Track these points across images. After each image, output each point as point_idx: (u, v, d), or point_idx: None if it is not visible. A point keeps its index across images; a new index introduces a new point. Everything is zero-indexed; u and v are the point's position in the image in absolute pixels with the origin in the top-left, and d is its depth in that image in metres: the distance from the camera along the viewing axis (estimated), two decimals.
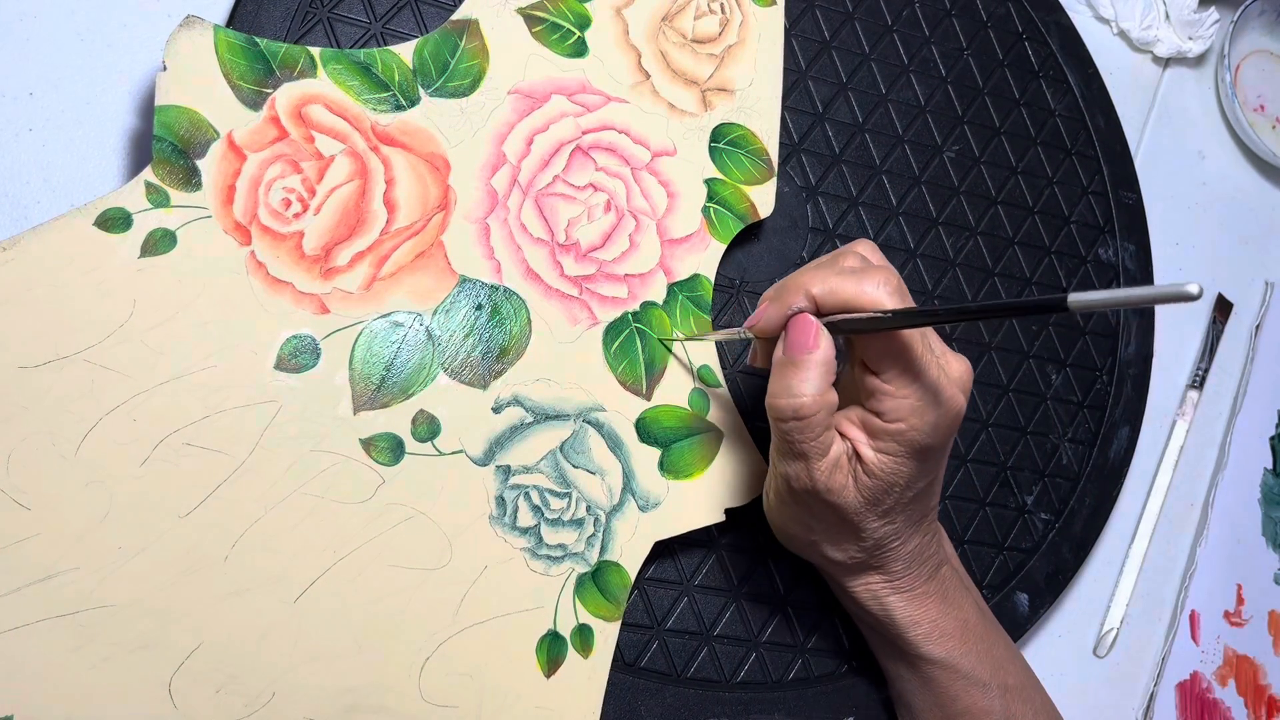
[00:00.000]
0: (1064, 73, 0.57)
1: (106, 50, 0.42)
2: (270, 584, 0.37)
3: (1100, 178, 0.57)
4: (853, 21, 0.53)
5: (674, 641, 0.44)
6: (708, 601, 0.44)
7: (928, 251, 0.52)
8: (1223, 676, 0.57)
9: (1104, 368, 0.55)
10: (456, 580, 0.39)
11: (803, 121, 0.51)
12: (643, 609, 0.43)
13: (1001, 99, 0.56)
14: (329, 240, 0.40)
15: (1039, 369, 0.53)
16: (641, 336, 0.43)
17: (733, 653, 0.44)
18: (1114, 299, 0.27)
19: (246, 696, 0.36)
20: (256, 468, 0.37)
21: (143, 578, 0.35)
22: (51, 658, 0.34)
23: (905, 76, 0.53)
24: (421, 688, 0.38)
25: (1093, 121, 0.57)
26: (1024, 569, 0.51)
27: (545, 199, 0.43)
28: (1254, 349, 0.63)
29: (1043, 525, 0.52)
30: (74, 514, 0.35)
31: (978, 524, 0.50)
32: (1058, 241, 0.55)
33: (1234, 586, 0.58)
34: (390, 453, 0.39)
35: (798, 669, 0.45)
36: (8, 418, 0.35)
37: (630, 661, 0.43)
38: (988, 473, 0.51)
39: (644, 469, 0.42)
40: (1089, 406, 0.54)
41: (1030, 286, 0.54)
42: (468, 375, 0.40)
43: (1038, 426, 0.52)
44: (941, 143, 0.54)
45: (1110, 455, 0.54)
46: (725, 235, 0.45)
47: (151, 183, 0.38)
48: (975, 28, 0.56)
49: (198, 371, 0.37)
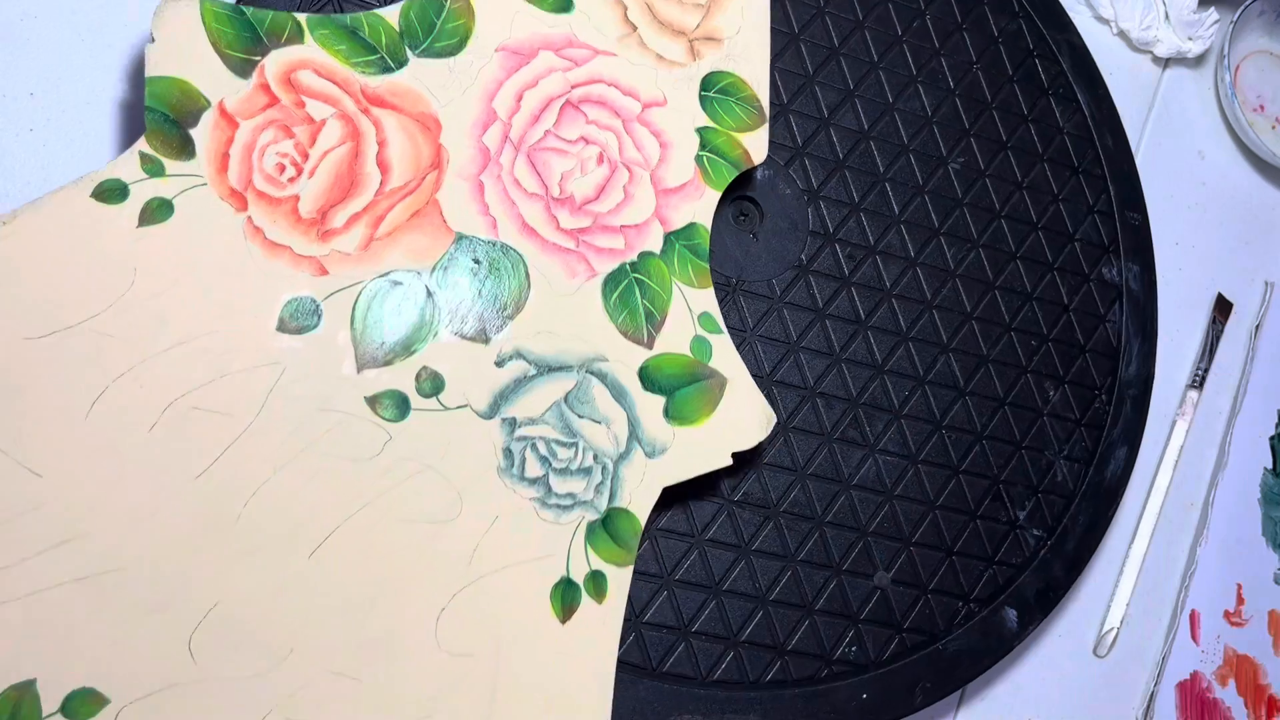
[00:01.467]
0: (1074, 91, 0.57)
1: (106, 50, 0.43)
2: (284, 541, 0.37)
3: (1107, 197, 0.56)
4: (862, 30, 0.53)
5: (650, 635, 0.43)
6: (687, 597, 0.44)
7: (928, 260, 0.51)
8: (1223, 676, 0.57)
9: (1103, 387, 0.54)
10: (468, 532, 0.39)
11: (807, 125, 0.50)
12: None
13: (1009, 114, 0.55)
14: (324, 203, 0.40)
15: (1037, 384, 0.52)
16: (640, 287, 0.43)
17: (710, 649, 0.44)
18: None
19: (266, 652, 0.36)
20: (264, 429, 0.38)
21: (157, 540, 0.36)
22: (72, 620, 0.34)
23: (913, 87, 0.53)
24: (439, 637, 0.38)
25: (1101, 141, 0.57)
26: (1014, 584, 0.49)
27: (538, 154, 0.43)
28: (1254, 349, 0.62)
29: (1034, 541, 0.50)
30: (86, 480, 0.35)
31: (968, 536, 0.49)
32: (1061, 258, 0.54)
33: (1234, 586, 0.58)
34: (396, 409, 0.39)
35: (776, 670, 0.44)
36: (16, 388, 0.35)
37: None
38: (980, 485, 0.50)
39: (649, 417, 0.42)
40: (1087, 425, 0.53)
41: (1031, 301, 0.53)
42: (469, 330, 0.41)
43: (1033, 442, 0.51)
44: (947, 154, 0.53)
45: (1107, 475, 0.53)
46: (720, 183, 0.46)
47: (146, 153, 0.38)
48: (986, 42, 0.55)
49: (201, 336, 0.38)
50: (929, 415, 0.50)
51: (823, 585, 0.46)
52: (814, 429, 0.48)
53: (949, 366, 0.51)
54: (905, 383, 0.50)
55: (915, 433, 0.49)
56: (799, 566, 0.46)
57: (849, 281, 0.50)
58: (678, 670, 0.43)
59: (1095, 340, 0.54)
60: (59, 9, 0.42)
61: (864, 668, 0.46)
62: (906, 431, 0.49)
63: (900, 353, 0.50)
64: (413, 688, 0.37)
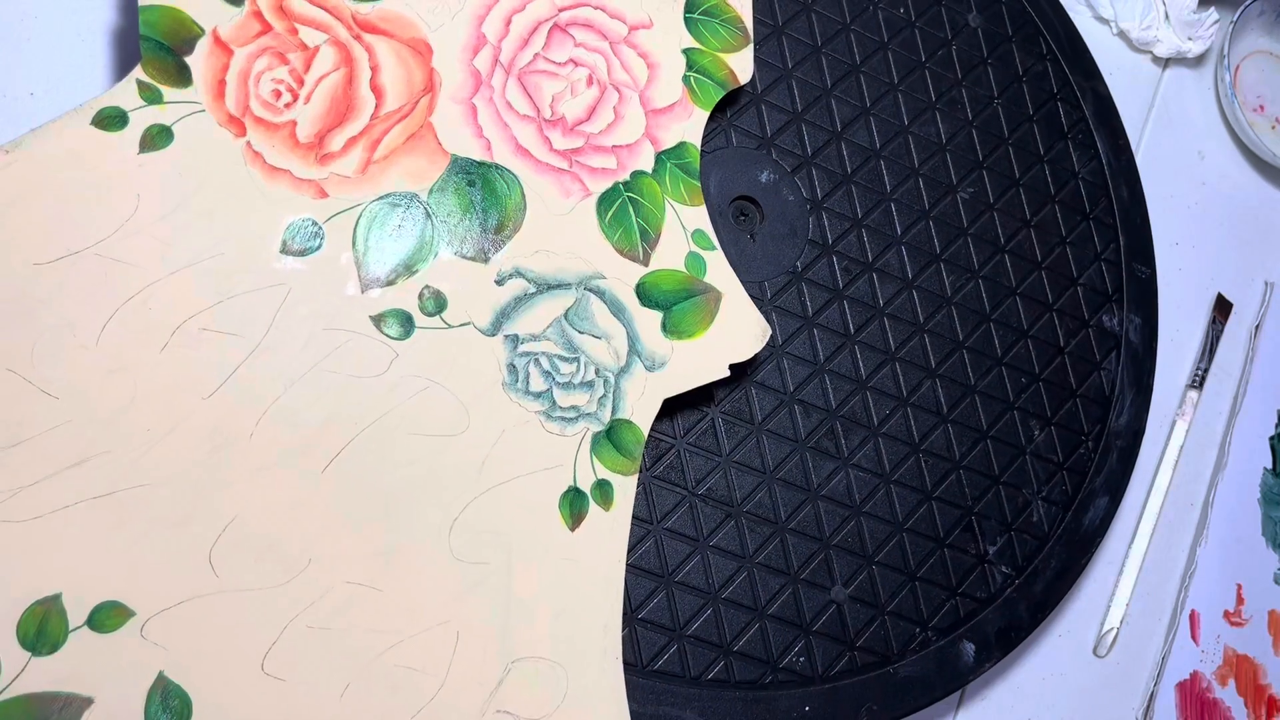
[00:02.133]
0: (1093, 139, 0.56)
1: (106, 50, 0.43)
2: (297, 457, 0.38)
3: (1116, 246, 0.56)
4: (886, 51, 0.53)
5: None
6: (637, 584, 0.43)
7: (925, 285, 0.51)
8: (1223, 676, 0.57)
9: (1091, 434, 0.53)
10: (476, 444, 0.40)
11: (819, 136, 0.50)
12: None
13: (1025, 152, 0.55)
14: (321, 127, 0.40)
15: (1022, 421, 0.51)
16: (634, 205, 0.44)
17: (654, 639, 0.43)
18: None
19: (285, 563, 0.37)
20: (273, 348, 0.38)
21: (173, 457, 0.36)
22: (93, 536, 0.35)
23: (930, 112, 0.53)
24: (452, 546, 0.39)
25: (1116, 191, 0.56)
26: (975, 618, 0.48)
27: (528, 76, 0.44)
28: (1254, 349, 0.63)
29: (1002, 579, 0.49)
30: (100, 400, 0.36)
31: (933, 563, 0.48)
32: (1061, 300, 0.54)
33: (1234, 586, 0.58)
34: (400, 327, 0.40)
35: (719, 670, 0.43)
36: (28, 312, 0.36)
37: None
38: (952, 514, 0.49)
39: (648, 331, 0.43)
40: (1069, 469, 0.52)
41: (1026, 338, 0.52)
42: (468, 250, 0.41)
43: (1012, 478, 0.50)
44: (957, 182, 0.53)
45: (1084, 523, 0.51)
46: (707, 102, 0.46)
47: (143, 81, 0.38)
48: (1009, 79, 0.55)
49: (206, 260, 0.38)
50: (907, 437, 0.49)
51: (777, 591, 0.45)
52: (788, 434, 0.47)
53: (934, 391, 0.50)
54: (887, 401, 0.49)
55: (891, 452, 0.48)
56: (755, 569, 0.45)
57: (842, 294, 0.49)
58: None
59: (1088, 386, 0.53)
60: (59, 9, 0.42)
61: (810, 680, 0.45)
62: (883, 449, 0.48)
63: (885, 371, 0.49)
64: (429, 596, 0.38)
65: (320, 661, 0.37)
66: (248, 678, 0.36)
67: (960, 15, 0.55)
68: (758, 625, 0.45)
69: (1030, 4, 0.57)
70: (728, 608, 0.44)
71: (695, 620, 0.44)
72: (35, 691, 0.34)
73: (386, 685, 0.37)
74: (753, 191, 0.49)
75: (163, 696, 0.35)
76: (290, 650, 0.36)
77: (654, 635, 0.43)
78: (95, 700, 0.34)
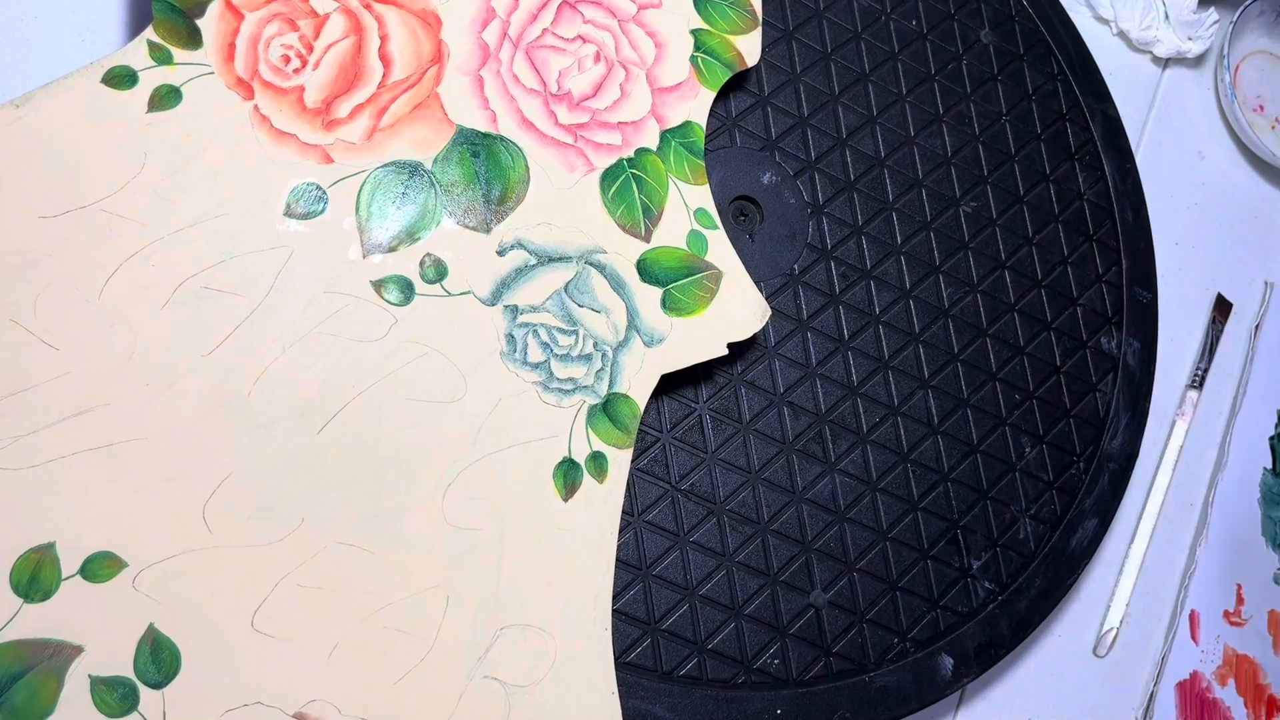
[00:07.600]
0: (1100, 160, 0.56)
1: (106, 50, 0.43)
2: (294, 417, 0.38)
3: (1118, 269, 0.55)
4: (895, 61, 0.53)
5: None
6: (615, 575, 0.42)
7: (922, 295, 0.51)
8: (1223, 676, 0.57)
9: (1083, 455, 0.52)
10: (472, 412, 0.40)
11: (824, 141, 0.50)
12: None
13: (1031, 170, 0.55)
14: (329, 94, 0.41)
15: (1014, 438, 0.51)
16: (637, 182, 0.44)
17: (628, 631, 0.42)
18: None
19: (278, 522, 0.37)
20: (273, 309, 0.39)
21: (172, 412, 0.37)
22: (90, 487, 0.35)
23: (937, 125, 0.53)
24: (445, 511, 0.39)
25: (1121, 214, 0.56)
26: (955, 632, 0.47)
27: (536, 51, 0.44)
28: (1254, 349, 0.63)
29: (984, 594, 0.48)
30: (101, 354, 0.36)
31: (915, 573, 0.47)
32: (1060, 320, 0.53)
33: (1234, 586, 0.58)
34: (401, 293, 0.40)
35: (691, 666, 0.43)
36: (32, 264, 0.36)
37: None
38: (937, 525, 0.48)
39: (647, 307, 0.43)
40: (1059, 489, 0.51)
41: (1022, 355, 0.52)
42: (471, 220, 0.42)
43: (1000, 494, 0.50)
44: (960, 196, 0.53)
45: (1071, 543, 0.50)
46: (714, 83, 0.46)
47: (154, 41, 0.39)
48: (1019, 97, 0.55)
49: (210, 219, 0.38)
50: (896, 445, 0.48)
51: (755, 591, 0.45)
52: (775, 435, 0.47)
53: (925, 402, 0.49)
54: (877, 409, 0.48)
55: (879, 460, 0.48)
56: (734, 568, 0.45)
57: (838, 299, 0.49)
58: None
59: (1082, 407, 0.53)
60: (59, 9, 0.43)
61: (784, 683, 0.44)
62: (870, 457, 0.48)
63: (877, 379, 0.49)
64: (420, 560, 0.38)
65: (310, 620, 0.37)
66: (237, 633, 0.36)
67: (973, 30, 0.55)
68: (734, 624, 0.44)
69: (1043, 23, 0.57)
70: (704, 605, 0.44)
71: (670, 615, 0.43)
72: (26, 638, 0.34)
73: (375, 646, 0.37)
74: (754, 192, 0.49)
75: (152, 648, 0.35)
76: (280, 608, 0.37)
77: (628, 627, 0.43)
78: (85, 649, 0.34)
